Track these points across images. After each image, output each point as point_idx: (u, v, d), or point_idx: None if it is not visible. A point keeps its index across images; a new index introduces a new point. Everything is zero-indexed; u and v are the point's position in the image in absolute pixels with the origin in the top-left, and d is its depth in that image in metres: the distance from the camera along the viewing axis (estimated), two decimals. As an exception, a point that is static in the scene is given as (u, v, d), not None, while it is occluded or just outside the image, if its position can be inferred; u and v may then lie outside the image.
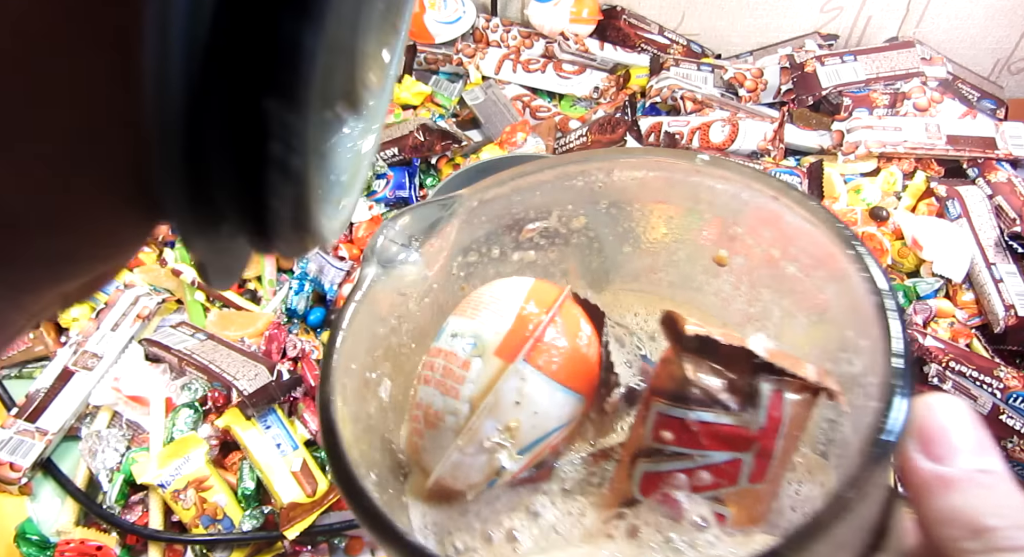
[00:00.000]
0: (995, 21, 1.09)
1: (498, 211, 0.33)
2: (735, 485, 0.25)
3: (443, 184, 0.56)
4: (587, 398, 0.29)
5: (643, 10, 1.15)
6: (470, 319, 0.29)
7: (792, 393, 0.25)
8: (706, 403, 0.25)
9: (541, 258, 0.34)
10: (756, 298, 0.32)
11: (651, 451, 0.26)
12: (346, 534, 0.71)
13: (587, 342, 0.29)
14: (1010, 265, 0.83)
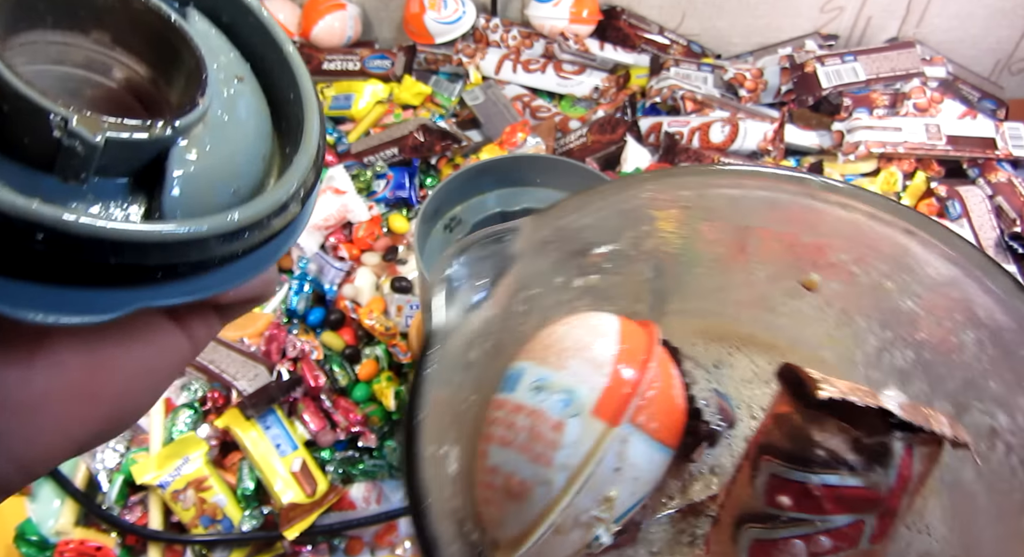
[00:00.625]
0: (995, 21, 1.09)
1: (567, 237, 0.30)
2: (855, 547, 0.23)
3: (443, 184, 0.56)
4: (676, 450, 0.26)
5: (643, 10, 1.15)
6: (554, 368, 0.25)
7: (922, 447, 0.23)
8: (831, 465, 0.23)
9: (603, 282, 0.32)
10: (846, 324, 0.30)
11: (762, 516, 0.24)
12: (346, 534, 0.71)
13: (678, 390, 0.27)
14: (1010, 265, 0.83)
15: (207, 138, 0.25)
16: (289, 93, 0.29)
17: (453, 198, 0.58)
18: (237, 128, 0.27)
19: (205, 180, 0.25)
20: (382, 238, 0.89)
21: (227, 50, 0.29)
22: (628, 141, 0.95)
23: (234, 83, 0.28)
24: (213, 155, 0.26)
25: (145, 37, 0.26)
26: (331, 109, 1.08)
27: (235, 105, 0.27)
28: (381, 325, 0.78)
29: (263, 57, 0.29)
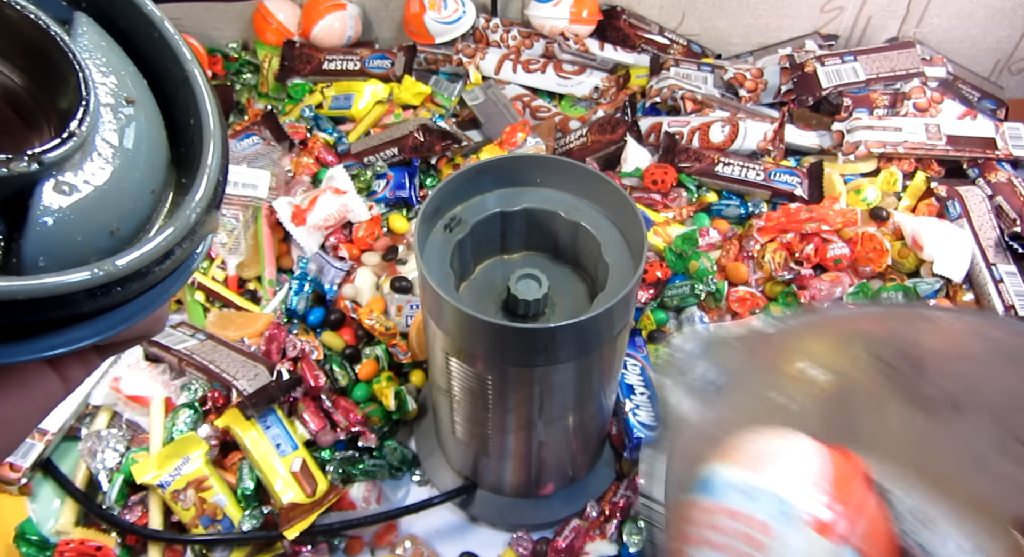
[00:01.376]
0: (995, 21, 1.09)
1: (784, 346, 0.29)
2: None
3: (443, 184, 0.56)
4: None
5: (643, 10, 1.15)
6: (760, 474, 0.25)
7: None
8: None
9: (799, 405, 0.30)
10: None
11: None
12: (346, 534, 0.71)
13: (891, 525, 0.25)
14: (1010, 265, 0.83)
15: (84, 171, 0.23)
16: (189, 118, 0.27)
17: (453, 198, 0.58)
18: (123, 159, 0.24)
19: (78, 220, 0.23)
20: (382, 238, 0.89)
21: (121, 66, 0.26)
22: (628, 141, 0.95)
23: (124, 107, 0.25)
24: (90, 191, 0.23)
25: (21, 47, 0.23)
26: (331, 109, 1.08)
27: (122, 133, 0.25)
28: (381, 325, 0.78)
29: (165, 74, 0.27)
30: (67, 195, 0.22)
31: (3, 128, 0.24)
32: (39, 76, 0.24)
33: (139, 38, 0.26)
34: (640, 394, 0.73)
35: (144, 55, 0.27)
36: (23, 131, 0.24)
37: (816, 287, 0.81)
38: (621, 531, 0.70)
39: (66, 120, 0.23)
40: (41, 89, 0.24)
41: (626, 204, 0.56)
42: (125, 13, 0.26)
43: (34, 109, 0.24)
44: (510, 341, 0.51)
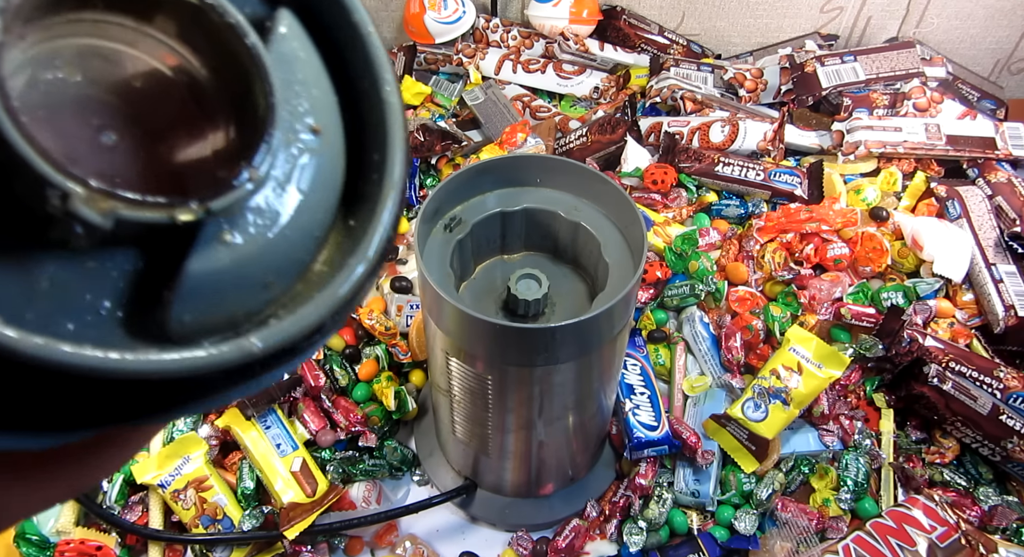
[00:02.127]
0: (995, 21, 1.09)
1: None
2: None
3: (443, 184, 0.56)
4: None
5: (643, 10, 1.15)
6: None
7: None
8: None
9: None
10: None
11: None
12: (346, 534, 0.71)
13: None
14: (1010, 265, 0.83)
15: (249, 218, 0.20)
16: (373, 153, 0.23)
17: (453, 198, 0.58)
18: (293, 203, 0.21)
19: (235, 274, 0.20)
20: (382, 238, 0.89)
21: (315, 83, 0.22)
22: (628, 141, 0.95)
23: (308, 137, 0.22)
24: (253, 242, 0.20)
25: (217, 48, 0.21)
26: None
27: (300, 171, 0.21)
28: (381, 325, 0.78)
29: (358, 93, 0.23)
30: (227, 246, 0.20)
31: (183, 119, 0.21)
32: (227, 77, 0.21)
33: (339, 43, 0.23)
34: (640, 394, 0.74)
35: (339, 64, 0.23)
36: (200, 122, 0.22)
37: (816, 287, 0.81)
38: (621, 531, 0.70)
39: (245, 144, 0.20)
40: (226, 87, 0.21)
41: (626, 204, 0.56)
42: (331, 12, 0.23)
43: (215, 104, 0.22)
44: (510, 341, 0.51)
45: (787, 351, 0.74)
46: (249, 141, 0.20)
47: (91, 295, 0.19)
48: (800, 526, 0.68)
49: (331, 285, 0.21)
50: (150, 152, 0.21)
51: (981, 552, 0.63)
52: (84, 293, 0.18)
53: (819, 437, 0.74)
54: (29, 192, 0.17)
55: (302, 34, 0.22)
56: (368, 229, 0.22)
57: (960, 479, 0.73)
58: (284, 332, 0.20)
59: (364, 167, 0.23)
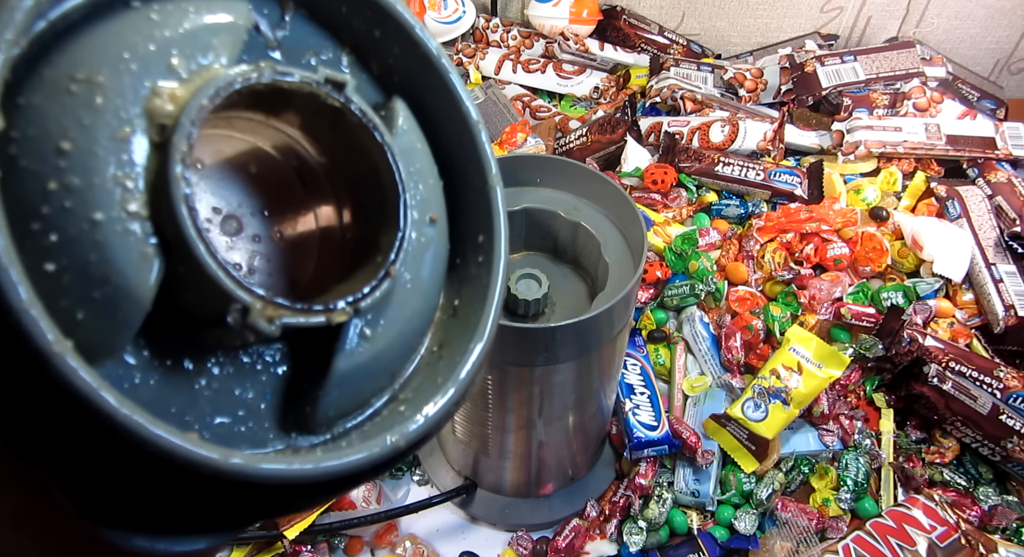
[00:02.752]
0: (995, 21, 1.09)
1: None
2: None
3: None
4: None
5: (643, 10, 1.15)
6: None
7: None
8: None
9: None
10: None
11: None
12: (345, 534, 0.71)
13: None
14: (1010, 265, 0.83)
15: (386, 311, 0.21)
16: (478, 235, 0.24)
17: (453, 198, 0.58)
18: (419, 292, 0.22)
19: (372, 364, 0.21)
20: (382, 238, 0.89)
21: (429, 172, 0.23)
22: (628, 141, 0.95)
23: (427, 227, 0.22)
24: (386, 333, 0.21)
25: (341, 139, 0.22)
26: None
27: (422, 260, 0.22)
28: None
29: (462, 177, 0.24)
30: (367, 341, 0.21)
31: (283, 192, 0.22)
32: (345, 165, 0.23)
33: (443, 128, 0.24)
34: (640, 394, 0.74)
35: (443, 146, 0.24)
36: (303, 197, 0.23)
37: (816, 287, 0.81)
38: (621, 531, 0.70)
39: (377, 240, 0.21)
40: (340, 173, 0.23)
41: (626, 204, 0.56)
42: (441, 102, 0.24)
43: (323, 181, 0.23)
44: (510, 341, 0.51)
45: (787, 351, 0.74)
46: (382, 237, 0.21)
47: (246, 392, 0.20)
48: (800, 526, 0.68)
49: (455, 372, 0.22)
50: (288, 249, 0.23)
51: (981, 552, 0.63)
52: (241, 390, 0.20)
53: (819, 437, 0.75)
54: (208, 305, 0.18)
55: (414, 123, 0.23)
56: (481, 312, 0.23)
57: (960, 479, 0.73)
58: (421, 428, 0.21)
59: (466, 247, 0.24)
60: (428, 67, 0.23)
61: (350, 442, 0.20)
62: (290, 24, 0.21)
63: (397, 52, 0.23)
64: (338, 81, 0.20)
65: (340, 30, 0.22)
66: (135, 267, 0.17)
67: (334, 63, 0.22)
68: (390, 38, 0.22)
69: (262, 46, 0.21)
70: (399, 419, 0.21)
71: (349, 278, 0.22)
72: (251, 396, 0.20)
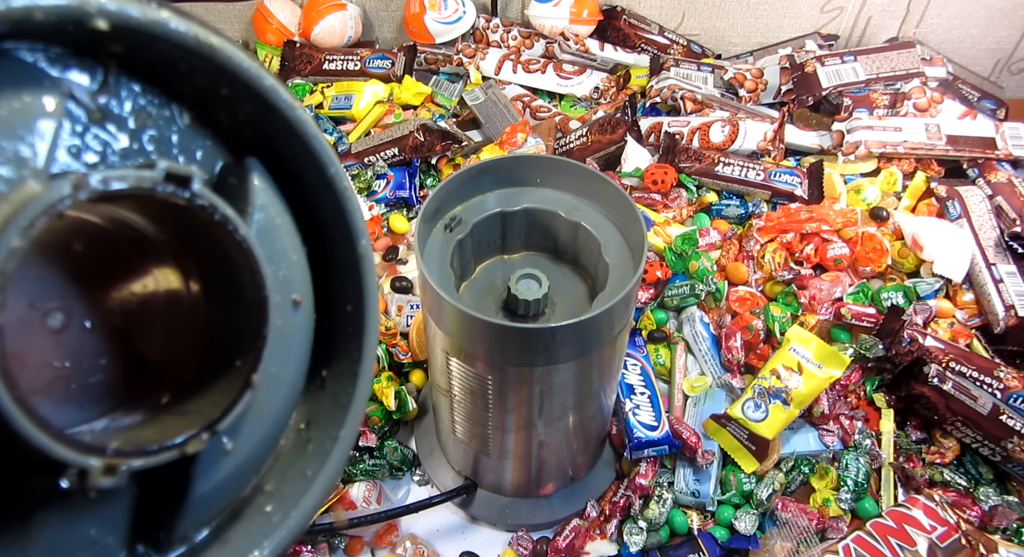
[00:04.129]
0: (995, 21, 1.09)
1: None
2: None
3: (443, 184, 0.56)
4: None
5: (643, 10, 1.15)
6: None
7: None
8: None
9: None
10: None
11: None
12: (346, 534, 0.71)
13: None
14: (1010, 265, 0.83)
15: (246, 417, 0.19)
16: (346, 305, 0.22)
17: (453, 198, 0.58)
18: (281, 384, 0.21)
19: (232, 476, 0.20)
20: (383, 238, 0.89)
21: (291, 249, 0.21)
22: (628, 141, 0.95)
23: (289, 310, 0.21)
24: (249, 439, 0.20)
25: (195, 234, 0.20)
26: (331, 109, 1.08)
27: (286, 350, 0.21)
28: (381, 325, 0.78)
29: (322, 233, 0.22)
30: (229, 454, 0.19)
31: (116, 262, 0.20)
32: (194, 248, 0.21)
33: (307, 187, 0.22)
34: (640, 394, 0.74)
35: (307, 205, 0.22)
36: (139, 262, 0.21)
37: (816, 287, 0.81)
38: (621, 531, 0.70)
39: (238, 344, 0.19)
40: (187, 252, 0.21)
41: (626, 204, 0.56)
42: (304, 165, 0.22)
43: (163, 252, 0.21)
44: (510, 341, 0.51)
45: (787, 351, 0.74)
46: (243, 331, 0.19)
47: (89, 530, 0.18)
48: (800, 526, 0.68)
49: (326, 463, 0.20)
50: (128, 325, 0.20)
51: (981, 552, 0.63)
52: (84, 530, 0.18)
53: (819, 437, 0.74)
54: (38, 466, 0.16)
55: (271, 192, 0.21)
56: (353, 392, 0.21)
57: (960, 479, 0.73)
58: (291, 534, 0.20)
59: (334, 313, 0.22)
60: (286, 129, 0.21)
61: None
62: (115, 87, 0.19)
63: (249, 110, 0.21)
64: (182, 175, 0.18)
65: (179, 85, 0.20)
66: None
67: (168, 124, 0.20)
68: (240, 97, 0.20)
69: (83, 121, 0.18)
70: (267, 526, 0.19)
71: (205, 377, 0.20)
72: (99, 530, 0.18)
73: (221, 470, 0.19)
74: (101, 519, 0.18)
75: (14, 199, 0.15)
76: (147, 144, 0.19)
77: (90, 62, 0.19)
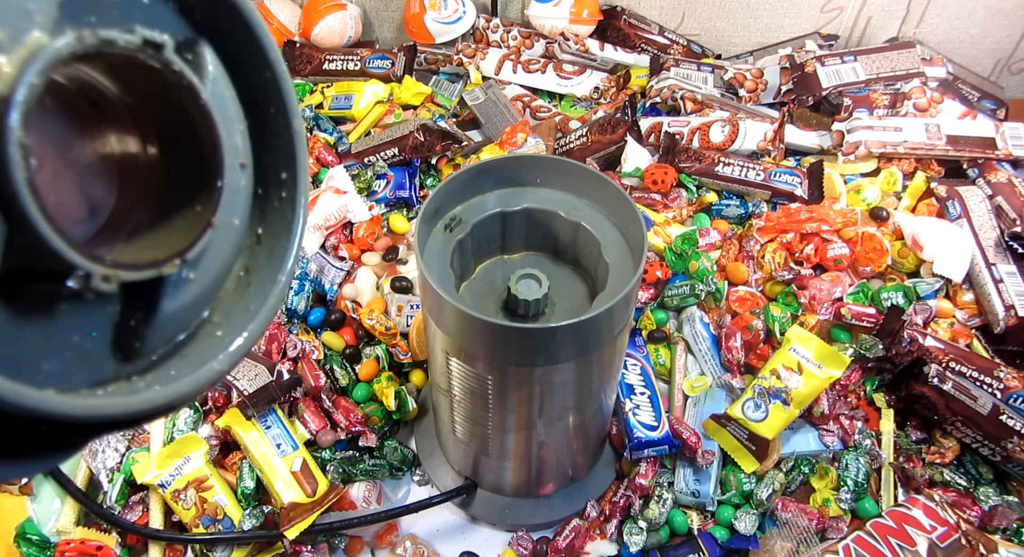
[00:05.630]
0: (995, 21, 1.09)
1: None
2: None
3: (443, 184, 0.56)
4: None
5: (643, 10, 1.15)
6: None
7: None
8: None
9: None
10: None
11: None
12: (346, 534, 0.71)
13: None
14: (1010, 265, 0.83)
15: (203, 254, 0.24)
16: (281, 172, 0.27)
17: (453, 198, 0.58)
18: (229, 232, 0.25)
19: (191, 301, 0.24)
20: (382, 238, 0.89)
21: (237, 119, 0.25)
22: (628, 141, 0.95)
23: (237, 171, 0.25)
24: (205, 272, 0.24)
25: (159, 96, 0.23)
26: (331, 109, 1.08)
27: (233, 204, 0.25)
28: (381, 325, 0.78)
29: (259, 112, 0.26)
30: (190, 282, 0.24)
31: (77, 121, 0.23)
32: (154, 109, 0.24)
33: (249, 70, 0.25)
34: (640, 394, 0.74)
35: (248, 86, 0.26)
36: (96, 124, 0.24)
37: (816, 287, 0.81)
38: (621, 531, 0.70)
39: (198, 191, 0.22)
40: (147, 113, 0.24)
41: (626, 204, 0.56)
42: (245, 47, 0.25)
43: (122, 113, 0.24)
44: (510, 341, 0.51)
45: (787, 351, 0.74)
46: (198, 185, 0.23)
47: (79, 332, 0.22)
48: (800, 526, 0.68)
49: (266, 300, 0.25)
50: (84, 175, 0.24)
51: (981, 552, 0.63)
52: (74, 332, 0.22)
53: (819, 437, 0.74)
54: (51, 271, 0.19)
55: (221, 69, 0.25)
56: (287, 244, 0.26)
57: (960, 479, 0.73)
58: (240, 350, 0.24)
59: (268, 180, 0.27)
60: (235, 16, 0.24)
61: (178, 370, 0.23)
62: None
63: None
64: (156, 42, 0.21)
65: None
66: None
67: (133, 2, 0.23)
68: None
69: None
70: (218, 344, 0.24)
71: (163, 217, 0.24)
72: (83, 336, 0.22)
73: (183, 295, 0.24)
74: (87, 325, 0.22)
75: (29, 44, 0.19)
76: (118, 17, 0.22)
77: None
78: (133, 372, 0.23)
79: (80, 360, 0.22)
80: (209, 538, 0.67)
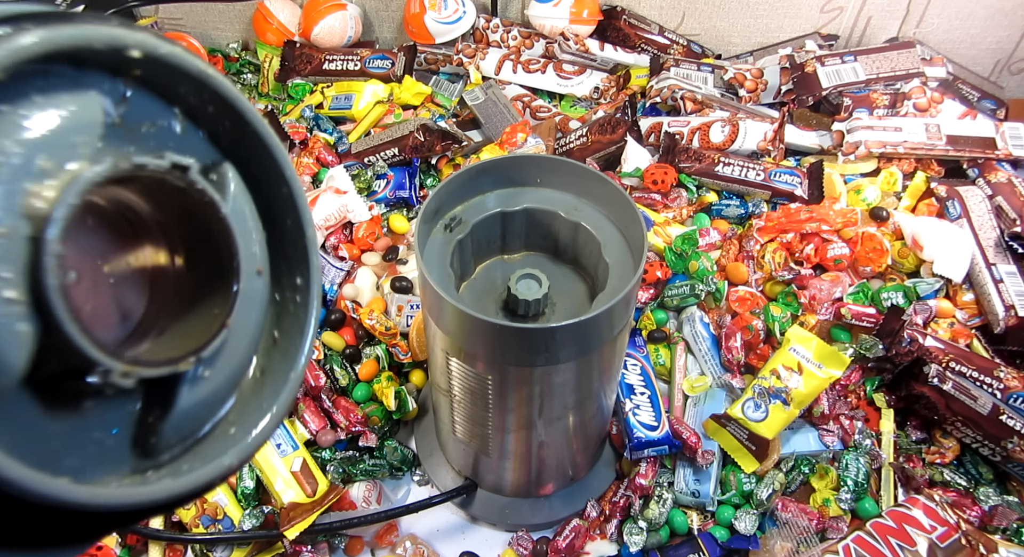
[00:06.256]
0: (995, 21, 1.09)
1: None
2: None
3: (443, 184, 0.56)
4: None
5: (643, 10, 1.15)
6: None
7: None
8: None
9: None
10: None
11: None
12: (346, 534, 0.71)
13: None
14: (1010, 265, 0.83)
15: (219, 354, 0.25)
16: (296, 277, 0.29)
17: (453, 198, 0.58)
18: (245, 335, 0.27)
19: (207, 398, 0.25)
20: (382, 238, 0.89)
21: (255, 230, 0.28)
22: (628, 141, 0.95)
23: (253, 278, 0.27)
24: (220, 371, 0.25)
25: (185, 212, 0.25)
26: (331, 109, 1.08)
27: (250, 308, 0.27)
28: (381, 325, 0.78)
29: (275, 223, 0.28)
30: (206, 379, 0.25)
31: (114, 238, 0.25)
32: (181, 224, 0.26)
33: (268, 188, 0.28)
34: (640, 394, 0.74)
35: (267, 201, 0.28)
36: (132, 240, 0.26)
37: (816, 287, 0.81)
38: (621, 531, 0.70)
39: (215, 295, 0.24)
40: (175, 228, 0.26)
41: (626, 204, 0.56)
42: (266, 170, 0.27)
43: (154, 230, 0.26)
44: (510, 341, 0.51)
45: (787, 351, 0.74)
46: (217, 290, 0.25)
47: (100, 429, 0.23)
48: (800, 526, 0.68)
49: (278, 397, 0.27)
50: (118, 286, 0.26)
51: (981, 552, 0.63)
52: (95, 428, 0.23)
53: (819, 437, 0.74)
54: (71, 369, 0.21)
55: (242, 186, 0.28)
56: (300, 343, 0.28)
57: (960, 479, 0.73)
58: (251, 448, 0.25)
59: (284, 286, 0.29)
60: (257, 142, 0.27)
61: (190, 464, 0.24)
62: (130, 99, 0.24)
63: (227, 124, 0.27)
64: (183, 165, 0.24)
65: (174, 100, 0.26)
66: (12, 346, 0.19)
67: (169, 130, 0.26)
68: (223, 114, 0.26)
69: (111, 126, 0.24)
70: (231, 441, 0.25)
71: (185, 320, 0.26)
72: (104, 432, 0.23)
73: (199, 392, 0.25)
74: (109, 422, 0.23)
75: (71, 171, 0.21)
76: (154, 146, 0.25)
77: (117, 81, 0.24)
78: (149, 468, 0.24)
79: (100, 455, 0.23)
80: (209, 538, 0.67)
